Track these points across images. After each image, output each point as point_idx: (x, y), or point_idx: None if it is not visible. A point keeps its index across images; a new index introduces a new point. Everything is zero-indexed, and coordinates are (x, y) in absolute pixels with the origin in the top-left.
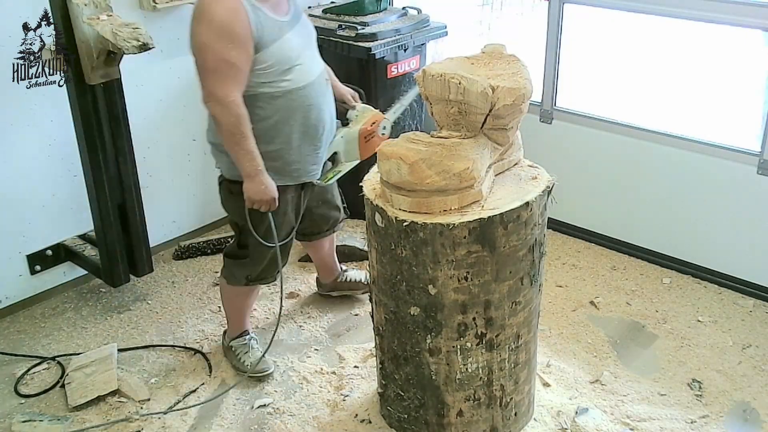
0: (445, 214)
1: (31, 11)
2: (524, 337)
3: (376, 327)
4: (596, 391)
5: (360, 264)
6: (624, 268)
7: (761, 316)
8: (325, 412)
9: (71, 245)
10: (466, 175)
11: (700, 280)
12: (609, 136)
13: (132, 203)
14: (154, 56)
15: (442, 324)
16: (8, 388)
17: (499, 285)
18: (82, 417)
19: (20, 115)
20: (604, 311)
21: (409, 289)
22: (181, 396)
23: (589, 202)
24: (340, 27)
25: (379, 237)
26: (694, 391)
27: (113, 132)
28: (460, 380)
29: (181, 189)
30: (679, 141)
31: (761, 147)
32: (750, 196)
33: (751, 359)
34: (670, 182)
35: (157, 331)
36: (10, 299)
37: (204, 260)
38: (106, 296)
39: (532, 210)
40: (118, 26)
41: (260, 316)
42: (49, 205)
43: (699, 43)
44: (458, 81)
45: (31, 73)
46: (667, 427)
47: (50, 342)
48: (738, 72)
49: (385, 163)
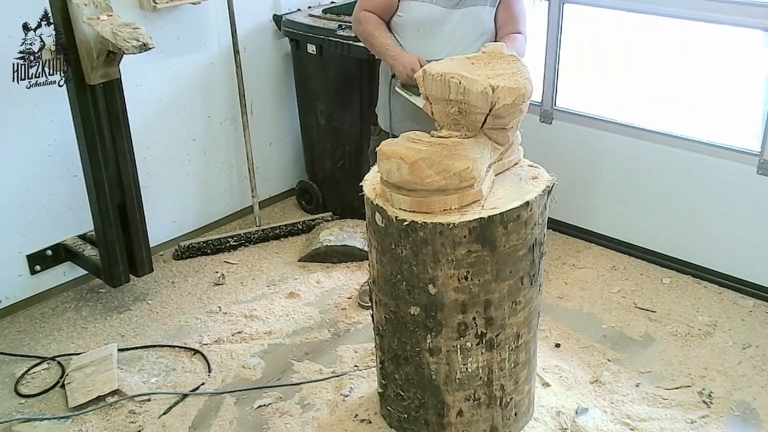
0: (445, 214)
1: (31, 11)
2: (524, 337)
3: (376, 327)
4: (596, 391)
5: (360, 264)
6: (624, 268)
7: (761, 316)
8: (325, 412)
9: (71, 245)
10: (466, 174)
11: (700, 280)
12: (609, 136)
13: (132, 203)
14: (154, 56)
15: (442, 324)
16: (8, 388)
17: (499, 285)
18: (82, 417)
19: (20, 115)
20: (604, 311)
21: (409, 289)
22: (180, 396)
23: (589, 202)
24: (340, 27)
25: (379, 236)
26: (703, 397)
27: (113, 132)
28: (460, 380)
29: (181, 189)
30: (679, 141)
31: (761, 147)
32: (750, 196)
33: (751, 359)
34: (670, 182)
35: (156, 331)
36: (10, 299)
37: (204, 260)
38: (106, 296)
39: (532, 210)
40: (118, 26)
41: (261, 315)
42: (49, 205)
43: (699, 43)
44: (458, 81)
45: (31, 73)
46: (667, 427)
47: (50, 342)
48: (738, 72)
49: (385, 162)
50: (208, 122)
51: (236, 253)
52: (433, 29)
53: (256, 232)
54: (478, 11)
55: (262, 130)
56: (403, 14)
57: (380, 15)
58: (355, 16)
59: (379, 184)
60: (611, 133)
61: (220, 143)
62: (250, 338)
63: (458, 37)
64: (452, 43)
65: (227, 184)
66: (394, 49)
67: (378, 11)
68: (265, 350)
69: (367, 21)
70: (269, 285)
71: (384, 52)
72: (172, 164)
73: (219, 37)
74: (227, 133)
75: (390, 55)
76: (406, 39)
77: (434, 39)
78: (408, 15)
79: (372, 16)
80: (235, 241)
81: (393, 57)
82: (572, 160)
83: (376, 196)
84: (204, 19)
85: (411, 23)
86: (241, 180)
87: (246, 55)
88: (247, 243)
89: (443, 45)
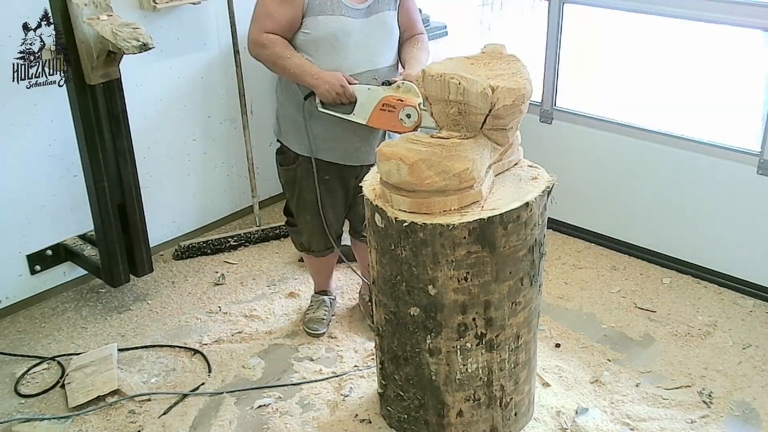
0: (444, 215)
1: (31, 11)
2: (524, 338)
3: (376, 327)
4: (596, 391)
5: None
6: (624, 268)
7: (761, 316)
8: (325, 412)
9: (71, 245)
10: (465, 175)
11: (700, 280)
12: (609, 136)
13: (132, 203)
14: (154, 56)
15: (442, 324)
16: (8, 388)
17: (499, 285)
18: (82, 417)
19: (20, 115)
20: (604, 311)
21: (409, 290)
22: (180, 396)
23: (589, 202)
24: None
25: (379, 237)
26: (703, 397)
27: (113, 132)
28: (460, 380)
29: (181, 189)
30: (679, 141)
31: (761, 147)
32: (750, 196)
33: (751, 359)
34: (670, 182)
35: (157, 331)
36: (10, 299)
37: (204, 260)
38: (106, 296)
39: (532, 210)
40: (118, 26)
41: (261, 315)
42: (49, 205)
43: (699, 43)
44: (458, 81)
45: (31, 73)
46: (667, 427)
47: (50, 342)
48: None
49: (385, 163)
50: (208, 122)
51: (236, 253)
52: (347, 41)
53: (256, 232)
54: (384, 17)
55: (262, 130)
56: (311, 30)
57: (284, 35)
58: (256, 40)
59: (379, 184)
60: (611, 133)
61: (220, 143)
62: (250, 338)
63: (372, 45)
64: (367, 53)
65: (227, 184)
66: (311, 69)
67: (282, 31)
68: (265, 350)
69: (274, 44)
70: (269, 285)
71: (301, 74)
72: (172, 164)
73: (219, 37)
74: (227, 133)
75: (310, 75)
76: (319, 56)
77: (349, 51)
78: (317, 31)
79: (277, 38)
80: (235, 241)
81: (314, 77)
82: (572, 160)
83: (376, 197)
84: (204, 19)
85: (323, 38)
86: (241, 180)
87: (246, 55)
88: (247, 243)
89: (359, 56)
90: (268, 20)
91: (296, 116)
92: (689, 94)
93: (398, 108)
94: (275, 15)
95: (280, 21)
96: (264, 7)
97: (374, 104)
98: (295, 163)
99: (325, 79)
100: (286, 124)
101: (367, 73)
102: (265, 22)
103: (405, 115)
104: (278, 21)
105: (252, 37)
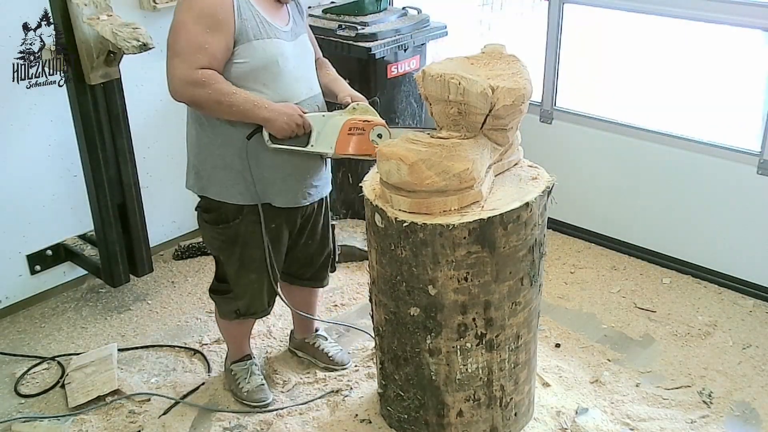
0: (444, 215)
1: (31, 11)
2: (524, 338)
3: (376, 327)
4: (596, 391)
5: (360, 264)
6: (624, 268)
7: (761, 316)
8: (325, 412)
9: (71, 245)
10: (465, 175)
11: (700, 280)
12: (609, 136)
13: (132, 203)
14: (154, 56)
15: (442, 324)
16: (8, 388)
17: (499, 285)
18: (82, 417)
19: (20, 115)
20: (603, 311)
21: (409, 290)
22: (180, 396)
23: (589, 202)
24: (340, 27)
25: (378, 237)
26: (703, 397)
27: (113, 132)
28: (460, 380)
29: (181, 189)
30: (679, 141)
31: (761, 147)
32: (750, 196)
33: (751, 359)
34: (669, 182)
35: (157, 331)
36: (10, 299)
37: (204, 260)
38: (106, 296)
39: (532, 210)
40: (118, 26)
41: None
42: (49, 205)
43: (699, 43)
44: (458, 81)
45: (31, 73)
46: (667, 427)
47: (50, 342)
48: (738, 72)
49: (385, 163)
50: None
51: None
52: (286, 67)
53: None
54: (305, 39)
55: None
56: (247, 59)
57: (219, 69)
58: (188, 79)
59: (379, 185)
60: (611, 133)
61: None
62: None
63: (306, 69)
64: (304, 79)
65: None
66: (263, 102)
67: (218, 65)
68: (266, 350)
69: (214, 80)
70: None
71: (252, 108)
72: (172, 164)
73: None
74: None
75: (263, 108)
76: (259, 87)
77: (291, 77)
78: (255, 58)
79: (214, 73)
80: None
81: (268, 110)
82: (572, 160)
83: (376, 197)
84: None
85: (262, 66)
86: None
87: None
88: None
89: (301, 83)
90: (200, 54)
91: (233, 161)
92: (689, 94)
93: (367, 129)
94: (208, 47)
95: (214, 53)
96: (190, 39)
97: (337, 130)
98: (238, 219)
99: (281, 111)
100: (215, 174)
101: (310, 99)
102: (197, 56)
103: (376, 135)
104: (212, 53)
105: (181, 76)
